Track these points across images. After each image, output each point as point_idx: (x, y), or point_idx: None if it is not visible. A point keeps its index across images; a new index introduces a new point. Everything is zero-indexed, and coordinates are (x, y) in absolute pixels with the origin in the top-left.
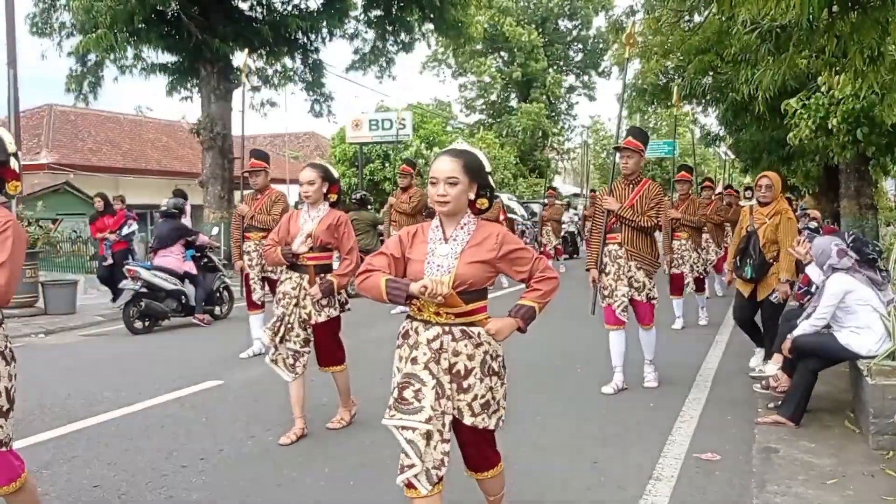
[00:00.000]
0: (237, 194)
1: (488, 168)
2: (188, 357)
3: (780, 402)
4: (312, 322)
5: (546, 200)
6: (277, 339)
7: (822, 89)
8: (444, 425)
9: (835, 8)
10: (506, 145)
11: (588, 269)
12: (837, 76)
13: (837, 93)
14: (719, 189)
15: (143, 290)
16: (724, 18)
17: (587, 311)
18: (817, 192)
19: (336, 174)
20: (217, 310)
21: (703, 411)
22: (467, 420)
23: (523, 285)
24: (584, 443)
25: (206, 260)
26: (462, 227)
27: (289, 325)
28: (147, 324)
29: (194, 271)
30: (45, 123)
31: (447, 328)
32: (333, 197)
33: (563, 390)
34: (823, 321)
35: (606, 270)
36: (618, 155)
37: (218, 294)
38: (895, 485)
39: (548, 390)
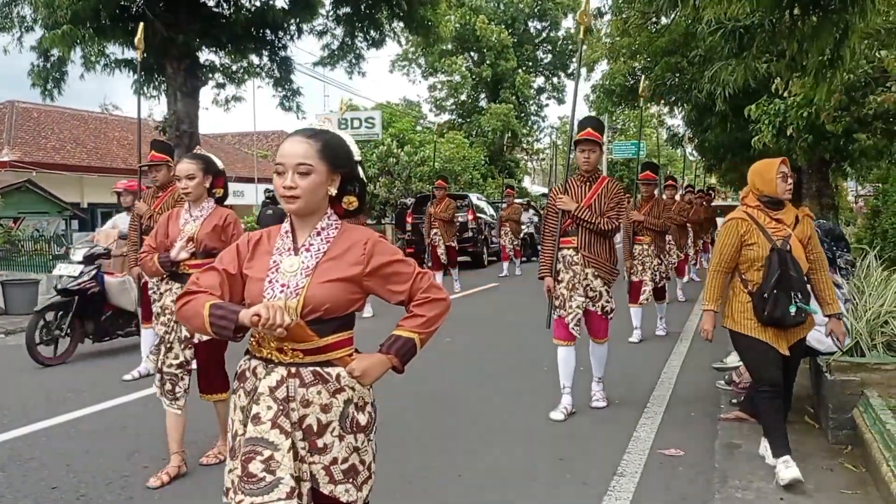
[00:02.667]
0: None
1: (357, 154)
2: None
3: (742, 399)
4: (195, 340)
5: (504, 200)
6: (162, 365)
7: (784, 94)
8: (302, 495)
9: (796, 10)
10: (475, 145)
11: (541, 278)
12: (793, 81)
13: (790, 99)
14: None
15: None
16: (689, 21)
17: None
18: None
19: (220, 165)
20: None
21: (666, 408)
22: (324, 488)
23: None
24: (550, 439)
25: None
26: (319, 234)
27: (168, 345)
28: None
29: None
30: (6, 120)
31: (294, 369)
32: (219, 192)
33: (529, 388)
34: None
35: (560, 278)
36: (576, 149)
37: None
38: (853, 479)
39: (514, 388)
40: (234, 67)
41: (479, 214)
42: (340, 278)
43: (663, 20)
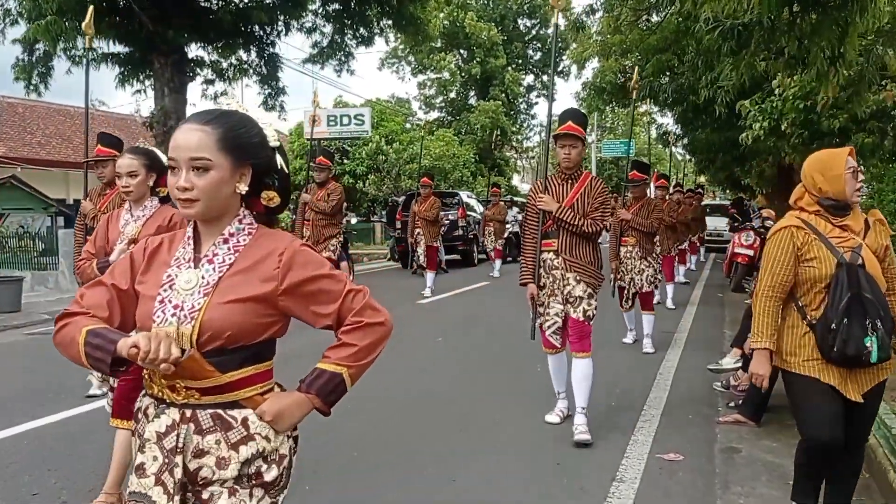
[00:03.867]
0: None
1: (274, 139)
2: None
3: (740, 401)
4: None
5: (490, 199)
6: (111, 380)
7: (777, 92)
8: None
9: (795, 7)
10: (465, 143)
11: (523, 284)
12: (790, 78)
13: (788, 93)
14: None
15: None
16: (680, 19)
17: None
18: (769, 191)
19: (166, 160)
20: None
21: (663, 410)
22: None
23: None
24: (546, 443)
25: None
26: (226, 241)
27: None
28: None
29: None
30: None
31: (189, 412)
32: (164, 191)
33: (522, 389)
34: None
35: (541, 283)
36: (555, 144)
37: None
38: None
39: (506, 389)
40: (223, 64)
41: (469, 213)
42: (248, 297)
43: (654, 18)
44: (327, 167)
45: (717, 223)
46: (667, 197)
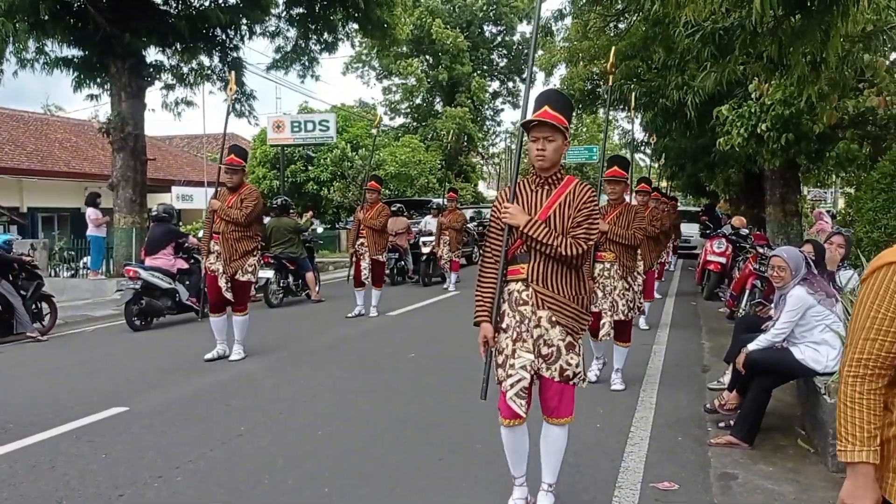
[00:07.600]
0: (150, 197)
1: None
2: (92, 378)
3: (732, 422)
4: None
5: (447, 204)
6: None
7: (753, 96)
8: None
9: (780, 11)
10: (430, 149)
11: (477, 323)
12: (767, 84)
13: (767, 99)
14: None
15: (142, 289)
16: (646, 26)
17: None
18: (733, 197)
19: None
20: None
21: (651, 432)
22: None
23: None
24: (534, 473)
25: (192, 261)
26: None
27: None
28: (145, 321)
29: (186, 266)
30: None
31: None
32: None
33: None
34: (782, 336)
35: (504, 324)
36: (527, 136)
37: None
38: None
39: (491, 414)
40: (184, 69)
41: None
42: None
43: (622, 25)
44: (241, 168)
45: (685, 229)
46: (648, 203)
